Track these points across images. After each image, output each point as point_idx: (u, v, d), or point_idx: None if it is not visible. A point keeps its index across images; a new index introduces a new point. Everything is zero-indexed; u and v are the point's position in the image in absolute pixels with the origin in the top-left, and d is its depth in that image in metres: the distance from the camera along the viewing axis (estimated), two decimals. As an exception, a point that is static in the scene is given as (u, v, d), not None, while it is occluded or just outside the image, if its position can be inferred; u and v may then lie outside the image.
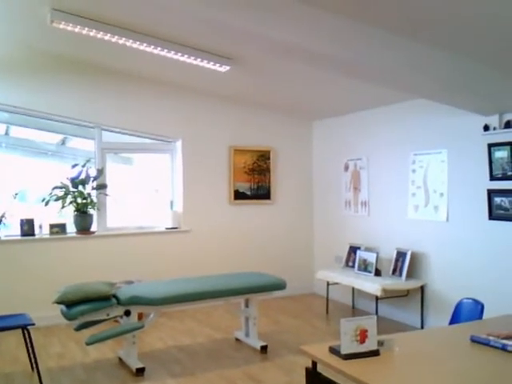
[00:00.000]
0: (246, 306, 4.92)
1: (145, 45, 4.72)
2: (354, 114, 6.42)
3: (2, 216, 5.52)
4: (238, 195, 6.73)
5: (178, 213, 6.46)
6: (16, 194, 5.70)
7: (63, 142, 6.64)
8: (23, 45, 5.45)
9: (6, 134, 6.25)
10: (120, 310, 4.28)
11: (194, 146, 6.50)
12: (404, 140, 5.65)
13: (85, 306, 4.08)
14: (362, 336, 2.26)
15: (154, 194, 6.70)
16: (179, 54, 4.87)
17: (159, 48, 4.76)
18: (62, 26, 4.44)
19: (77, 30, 4.51)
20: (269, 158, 6.91)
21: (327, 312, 6.14)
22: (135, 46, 4.73)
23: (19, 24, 4.83)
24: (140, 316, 5.05)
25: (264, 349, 4.71)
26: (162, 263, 6.20)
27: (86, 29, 4.50)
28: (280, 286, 4.83)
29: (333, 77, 4.93)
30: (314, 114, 6.92)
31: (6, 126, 6.13)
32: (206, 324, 5.70)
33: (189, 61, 4.98)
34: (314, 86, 5.53)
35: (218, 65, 5.06)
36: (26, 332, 4.01)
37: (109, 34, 4.57)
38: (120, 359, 4.50)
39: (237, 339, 5.07)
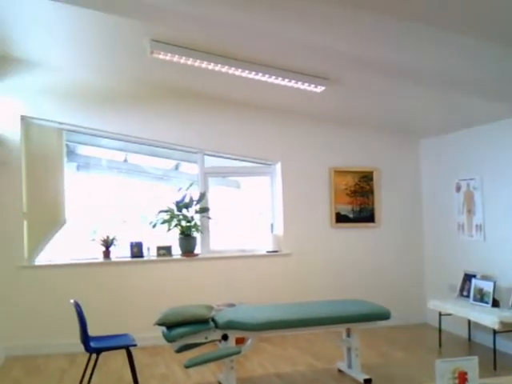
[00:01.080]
0: (348, 335, 4.69)
1: (240, 70, 4.78)
2: (465, 130, 5.96)
3: (113, 238, 5.85)
4: (340, 218, 6.51)
5: (278, 236, 6.41)
6: (144, 219, 6.02)
7: (176, 167, 6.94)
8: (127, 76, 5.77)
9: (125, 160, 6.68)
10: (218, 334, 4.28)
11: (294, 167, 6.43)
12: (523, 157, 5.12)
13: (184, 328, 4.14)
14: (462, 379, 1.99)
15: (258, 216, 6.71)
16: (273, 77, 4.86)
17: (254, 73, 4.79)
18: (161, 57, 4.64)
19: (175, 59, 4.67)
20: (372, 179, 6.62)
21: (440, 345, 5.65)
22: (231, 72, 4.81)
23: (122, 57, 5.12)
24: (241, 340, 5.01)
25: (368, 382, 4.43)
26: (263, 287, 6.17)
27: (184, 58, 4.64)
28: (384, 315, 4.53)
29: (440, 93, 4.64)
30: (421, 131, 6.55)
31: (124, 153, 6.55)
32: (307, 352, 5.51)
33: (283, 83, 4.97)
34: (419, 103, 5.23)
35: (313, 85, 4.98)
36: (128, 352, 4.14)
37: (205, 62, 4.68)
38: (219, 384, 4.49)
39: (339, 370, 4.83)
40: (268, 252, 6.36)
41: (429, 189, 6.72)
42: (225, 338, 4.28)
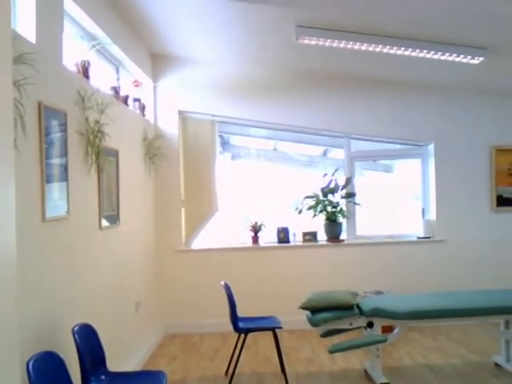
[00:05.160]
0: (506, 327, 4.28)
1: (387, 47, 4.55)
2: None
3: (261, 224, 6.03)
4: (502, 201, 5.91)
5: (430, 221, 6.05)
6: (292, 206, 6.14)
7: (325, 154, 6.92)
8: (273, 65, 5.83)
9: (274, 149, 6.85)
10: (363, 321, 4.18)
11: (448, 148, 5.98)
12: None
13: (327, 313, 4.12)
14: None
15: (411, 201, 6.39)
16: (424, 52, 4.55)
17: (403, 48, 4.53)
18: (306, 42, 4.59)
19: (320, 43, 4.59)
20: (541, 158, 5.92)
21: None
22: (378, 50, 4.61)
23: (268, 46, 5.16)
24: (388, 328, 4.86)
25: (531, 379, 4.01)
26: (412, 275, 5.89)
27: (329, 40, 4.54)
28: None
29: None
30: None
31: (274, 141, 6.72)
32: (461, 344, 5.14)
33: (436, 57, 4.63)
34: None
35: (469, 57, 4.57)
36: (274, 334, 4.25)
37: (351, 42, 4.54)
38: (366, 371, 4.40)
39: (496, 364, 4.43)
40: (419, 238, 6.04)
41: None
42: (370, 325, 4.17)
